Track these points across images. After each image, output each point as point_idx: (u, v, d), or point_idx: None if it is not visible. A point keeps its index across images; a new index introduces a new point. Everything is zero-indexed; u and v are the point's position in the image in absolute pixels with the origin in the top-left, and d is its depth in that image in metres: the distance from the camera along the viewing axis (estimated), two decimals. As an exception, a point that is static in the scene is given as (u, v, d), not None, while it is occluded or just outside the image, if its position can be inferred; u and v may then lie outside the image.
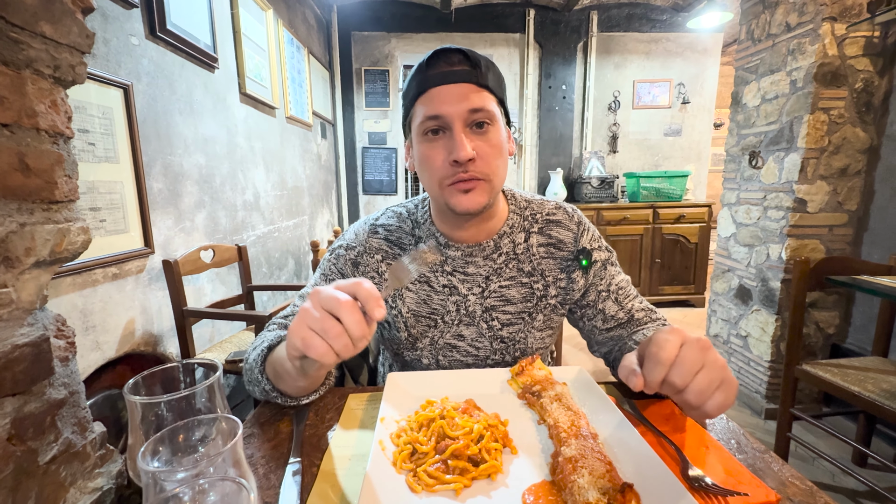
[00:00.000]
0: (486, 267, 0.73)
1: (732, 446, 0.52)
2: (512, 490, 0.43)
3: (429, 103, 0.62)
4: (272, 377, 0.57)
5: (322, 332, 0.42)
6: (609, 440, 0.49)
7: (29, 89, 0.45)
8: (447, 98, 0.61)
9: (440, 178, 0.64)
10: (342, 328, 0.42)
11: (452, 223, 0.71)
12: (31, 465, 0.46)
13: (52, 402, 0.49)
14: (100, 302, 1.21)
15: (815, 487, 0.44)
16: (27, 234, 0.45)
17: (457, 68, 0.62)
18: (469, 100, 0.61)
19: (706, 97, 3.80)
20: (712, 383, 0.43)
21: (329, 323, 0.42)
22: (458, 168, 0.62)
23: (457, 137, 0.61)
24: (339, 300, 0.42)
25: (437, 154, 0.63)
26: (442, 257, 0.73)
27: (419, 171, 0.68)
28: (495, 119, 0.64)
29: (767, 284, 1.97)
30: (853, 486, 1.51)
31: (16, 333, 0.44)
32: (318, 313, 0.42)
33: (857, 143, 1.77)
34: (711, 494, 0.41)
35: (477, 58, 0.63)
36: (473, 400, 0.56)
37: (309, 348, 0.42)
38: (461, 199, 0.64)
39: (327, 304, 0.42)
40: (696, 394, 0.43)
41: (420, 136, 0.65)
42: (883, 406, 1.21)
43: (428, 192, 0.70)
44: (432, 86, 0.62)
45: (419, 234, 0.75)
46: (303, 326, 0.43)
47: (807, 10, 1.75)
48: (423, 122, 0.63)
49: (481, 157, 0.63)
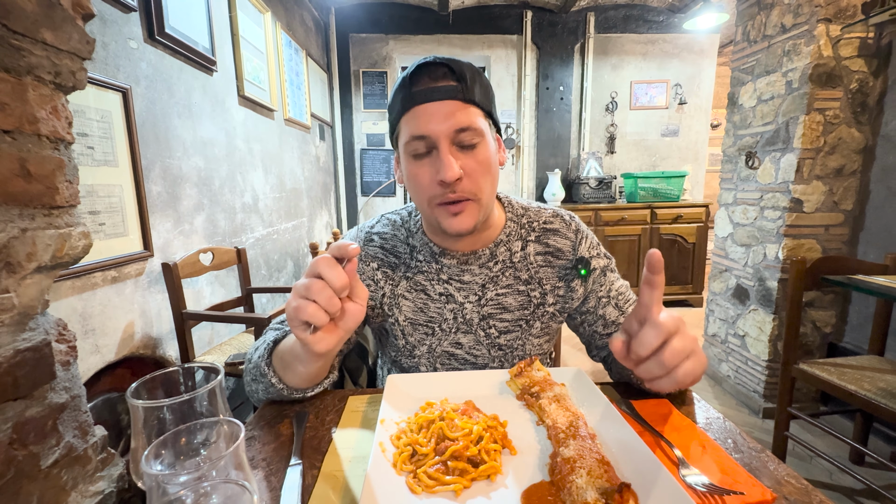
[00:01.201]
0: (482, 275, 0.73)
1: (729, 446, 0.52)
2: (511, 490, 0.43)
3: (414, 122, 0.61)
4: (279, 369, 0.58)
5: (307, 291, 0.45)
6: (607, 440, 0.49)
7: (30, 96, 0.46)
8: (433, 117, 0.60)
9: (429, 197, 0.63)
10: (323, 283, 0.45)
11: (444, 236, 0.71)
12: (32, 469, 0.46)
13: (54, 407, 0.49)
14: (99, 305, 1.21)
15: (811, 486, 0.45)
16: (28, 240, 0.46)
17: (441, 84, 0.61)
18: (455, 118, 0.60)
19: (703, 98, 3.82)
20: (685, 349, 0.46)
21: (311, 282, 0.45)
22: (446, 188, 0.61)
23: (443, 158, 0.60)
24: (317, 261, 0.46)
25: (425, 173, 0.63)
26: None
27: (408, 187, 0.68)
28: (483, 135, 0.63)
29: (764, 284, 1.98)
30: (850, 485, 1.52)
31: (18, 338, 0.45)
32: (304, 280, 0.46)
33: (852, 143, 1.78)
34: (708, 493, 0.42)
35: (462, 70, 0.62)
36: (473, 401, 0.57)
37: (299, 311, 0.45)
38: (451, 222, 0.64)
39: (309, 270, 0.47)
40: (672, 353, 0.45)
41: (406, 155, 0.64)
42: (879, 405, 1.22)
43: (418, 209, 0.69)
44: (417, 103, 0.61)
45: (413, 244, 0.75)
46: (294, 297, 0.47)
47: (802, 12, 1.76)
48: (409, 143, 0.62)
49: (468, 176, 0.62)
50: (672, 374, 0.45)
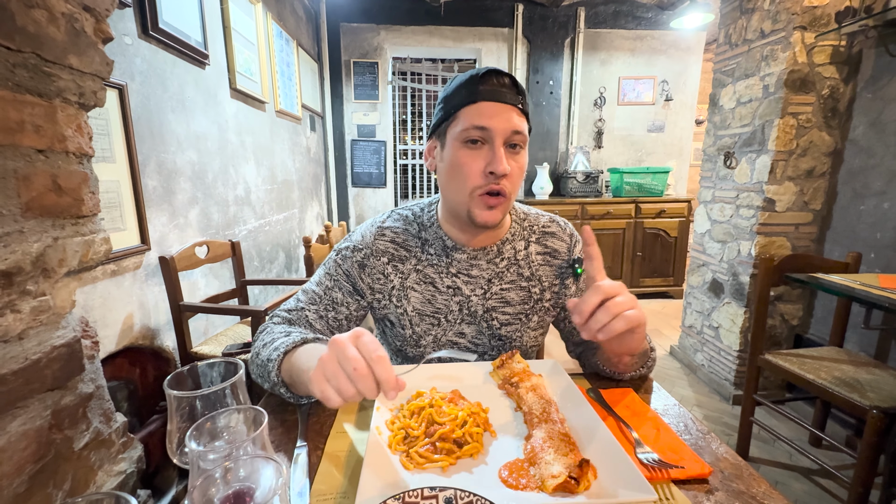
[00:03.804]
0: (489, 270, 0.80)
1: (681, 428, 0.60)
2: (491, 467, 0.50)
3: (477, 114, 0.67)
4: (288, 382, 0.61)
5: (338, 390, 0.45)
6: (574, 424, 0.57)
7: (59, 116, 0.50)
8: (496, 114, 0.67)
9: (473, 186, 0.69)
10: (356, 391, 0.45)
11: (463, 228, 0.77)
12: (67, 451, 0.52)
13: (84, 396, 0.54)
14: (99, 298, 1.25)
15: (744, 462, 0.53)
16: (60, 248, 0.51)
17: (507, 90, 0.68)
18: (513, 121, 0.67)
19: (688, 94, 3.90)
20: (626, 303, 0.55)
21: (346, 385, 0.44)
22: (492, 179, 0.68)
23: (497, 151, 0.67)
24: (359, 372, 0.44)
25: (475, 163, 0.68)
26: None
27: (448, 175, 0.72)
28: (526, 144, 0.72)
29: (738, 279, 2.09)
30: (808, 465, 1.65)
31: (53, 336, 0.50)
32: (337, 369, 0.45)
33: (822, 146, 1.88)
34: (656, 467, 0.49)
35: (522, 87, 0.71)
36: (459, 390, 0.64)
37: (327, 400, 0.45)
38: (485, 214, 0.70)
39: (346, 366, 0.45)
40: (615, 304, 0.54)
41: (458, 143, 0.69)
42: (833, 392, 1.33)
43: (451, 196, 0.73)
44: (483, 99, 0.67)
45: (425, 237, 0.80)
46: (322, 380, 0.46)
47: (780, 19, 1.83)
48: (466, 130, 0.68)
49: (511, 175, 0.69)
50: (617, 319, 0.54)
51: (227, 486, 0.33)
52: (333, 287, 0.78)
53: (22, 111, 0.45)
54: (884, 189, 1.68)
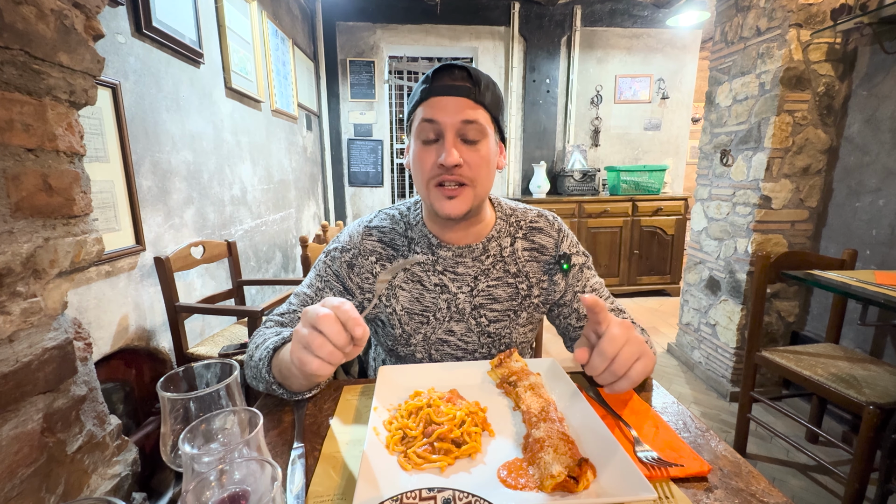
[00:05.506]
0: (474, 267, 0.80)
1: (680, 426, 0.60)
2: (489, 467, 0.50)
3: (428, 110, 0.70)
4: (279, 377, 0.62)
5: (308, 345, 0.47)
6: (573, 423, 0.56)
7: (49, 115, 0.49)
8: (445, 108, 0.68)
9: (428, 178, 0.71)
10: (325, 338, 0.47)
11: (442, 225, 0.78)
12: (60, 454, 0.51)
13: (77, 398, 0.54)
14: (94, 299, 1.24)
15: (743, 459, 0.52)
16: (51, 248, 0.50)
17: (458, 83, 0.69)
18: (464, 112, 0.68)
19: (685, 92, 3.91)
20: (633, 355, 0.52)
21: (313, 336, 0.47)
22: (444, 170, 0.69)
23: (447, 145, 0.68)
24: (318, 315, 0.47)
25: (429, 157, 0.70)
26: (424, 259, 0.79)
27: (412, 170, 0.75)
28: (486, 135, 0.71)
29: (734, 276, 2.09)
30: (805, 461, 1.65)
31: (45, 338, 0.49)
32: (306, 330, 0.48)
33: (818, 143, 1.89)
34: (655, 466, 0.49)
35: (479, 76, 0.70)
36: (457, 390, 0.63)
37: (303, 365, 0.48)
38: (444, 204, 0.71)
39: (311, 320, 0.48)
40: (621, 363, 0.51)
41: (418, 140, 0.72)
42: (829, 388, 1.34)
43: (417, 190, 0.77)
44: (434, 94, 0.69)
45: (412, 236, 0.81)
46: (296, 346, 0.49)
47: (775, 16, 1.84)
48: (420, 125, 0.70)
49: (468, 164, 0.70)
50: (625, 377, 0.52)
51: (221, 489, 0.33)
52: (324, 288, 0.78)
53: (11, 109, 0.45)
54: (879, 186, 1.69)
